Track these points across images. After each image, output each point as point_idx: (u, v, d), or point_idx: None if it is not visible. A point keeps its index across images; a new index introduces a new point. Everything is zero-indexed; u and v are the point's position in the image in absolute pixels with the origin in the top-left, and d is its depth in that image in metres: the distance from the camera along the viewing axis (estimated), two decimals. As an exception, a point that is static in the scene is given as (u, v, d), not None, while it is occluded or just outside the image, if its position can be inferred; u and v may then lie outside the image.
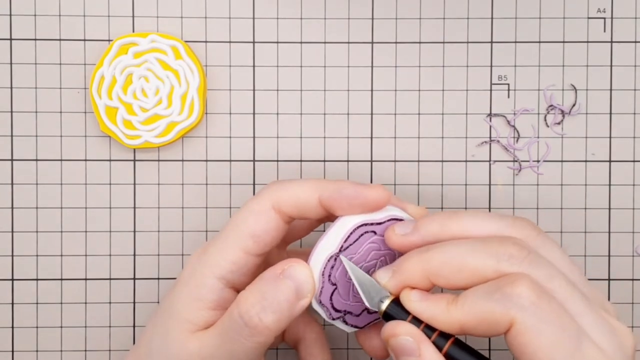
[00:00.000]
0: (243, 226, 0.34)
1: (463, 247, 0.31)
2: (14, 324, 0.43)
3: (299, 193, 0.34)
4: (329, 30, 0.43)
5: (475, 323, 0.30)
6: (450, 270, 0.31)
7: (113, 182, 0.43)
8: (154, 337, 0.35)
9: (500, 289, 0.30)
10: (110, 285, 0.44)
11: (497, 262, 0.31)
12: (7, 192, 0.43)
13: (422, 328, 0.32)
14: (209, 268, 0.34)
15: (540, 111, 0.44)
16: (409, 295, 0.32)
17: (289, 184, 0.35)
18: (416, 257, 0.32)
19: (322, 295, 0.34)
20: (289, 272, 0.33)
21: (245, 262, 0.34)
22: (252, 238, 0.34)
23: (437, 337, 0.31)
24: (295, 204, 0.34)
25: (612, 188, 0.44)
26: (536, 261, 0.31)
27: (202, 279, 0.34)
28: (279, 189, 0.35)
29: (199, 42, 0.43)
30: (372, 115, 0.43)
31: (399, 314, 0.32)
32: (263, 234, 0.34)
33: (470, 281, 0.31)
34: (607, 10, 0.43)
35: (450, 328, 0.31)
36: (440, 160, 0.43)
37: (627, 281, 0.44)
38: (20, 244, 0.43)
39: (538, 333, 0.29)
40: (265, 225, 0.34)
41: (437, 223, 0.33)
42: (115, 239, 0.43)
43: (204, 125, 0.43)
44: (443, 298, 0.31)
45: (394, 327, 0.32)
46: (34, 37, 0.43)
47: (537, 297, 0.29)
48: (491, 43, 0.43)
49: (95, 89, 0.42)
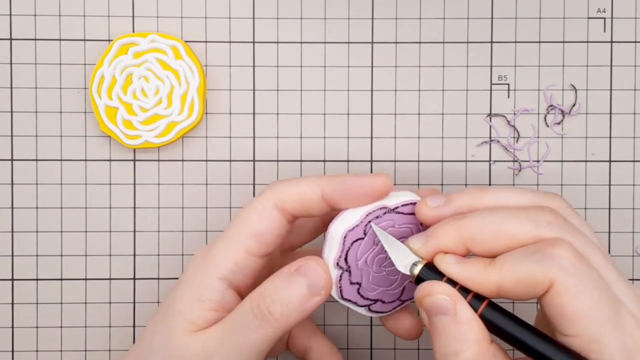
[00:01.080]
0: (246, 226, 0.34)
1: (500, 213, 0.31)
2: (14, 324, 0.43)
3: (302, 189, 0.34)
4: (329, 30, 0.43)
5: (514, 284, 0.30)
6: (487, 236, 0.31)
7: (113, 182, 0.43)
8: (155, 336, 0.35)
9: (540, 250, 0.30)
10: (110, 285, 0.44)
11: (534, 227, 0.31)
12: (7, 192, 0.43)
13: (458, 288, 0.31)
14: (212, 268, 0.34)
15: (540, 111, 0.44)
16: (443, 258, 0.32)
17: (291, 182, 0.35)
18: (451, 224, 0.32)
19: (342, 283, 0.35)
20: (303, 269, 0.33)
21: (248, 263, 0.34)
22: (255, 237, 0.34)
23: (472, 299, 0.31)
24: (299, 201, 0.34)
25: (612, 188, 0.44)
26: (572, 229, 0.31)
27: (204, 279, 0.34)
28: (281, 187, 0.35)
29: (199, 42, 0.43)
30: (372, 115, 0.43)
31: (432, 278, 0.32)
32: (266, 233, 0.34)
33: (507, 246, 0.31)
34: (607, 10, 0.43)
35: (487, 290, 0.31)
36: (440, 160, 0.43)
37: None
38: (20, 244, 0.43)
39: (578, 295, 0.29)
40: (268, 224, 0.34)
41: (469, 196, 0.33)
42: (115, 239, 0.43)
43: (204, 125, 0.43)
44: (479, 260, 0.31)
45: (430, 286, 0.31)
46: (34, 37, 0.43)
47: (577, 259, 0.29)
48: (491, 43, 0.43)
49: (95, 89, 0.42)
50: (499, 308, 0.31)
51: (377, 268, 0.35)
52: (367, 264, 0.35)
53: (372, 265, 0.35)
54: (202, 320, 0.34)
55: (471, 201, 0.33)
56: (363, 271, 0.35)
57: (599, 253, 0.31)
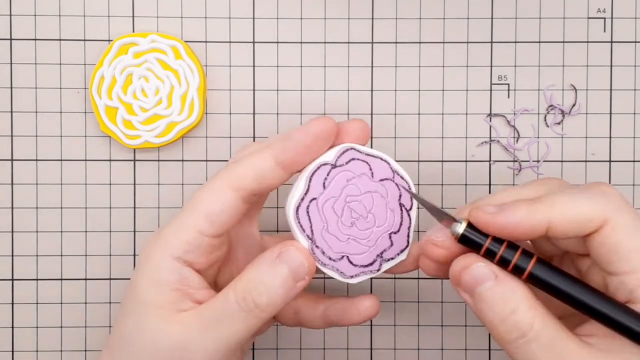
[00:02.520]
0: (198, 206, 0.34)
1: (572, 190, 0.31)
2: (14, 324, 0.43)
3: (254, 164, 0.34)
4: (329, 30, 0.43)
5: (566, 222, 0.30)
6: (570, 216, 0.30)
7: (113, 182, 0.43)
8: (126, 329, 0.34)
9: (592, 188, 0.30)
10: (110, 286, 0.44)
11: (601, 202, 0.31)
12: (7, 192, 0.43)
13: (505, 247, 0.30)
14: (164, 249, 0.34)
15: (540, 111, 0.44)
16: (484, 210, 0.30)
17: (244, 159, 0.34)
18: (532, 207, 0.30)
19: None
20: (285, 257, 0.33)
21: (200, 242, 0.34)
22: (208, 218, 0.33)
23: (520, 256, 0.30)
24: (253, 177, 0.34)
25: (612, 188, 0.44)
26: None
27: (159, 261, 0.34)
28: (233, 165, 0.34)
29: (199, 42, 0.43)
30: (372, 115, 0.43)
31: (476, 237, 0.31)
32: (219, 215, 0.34)
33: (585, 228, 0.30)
34: (607, 11, 0.43)
35: (537, 230, 0.30)
36: (441, 160, 0.43)
37: (627, 281, 0.44)
38: (20, 244, 0.43)
39: (633, 233, 0.29)
40: (221, 205, 0.34)
41: (524, 208, 0.31)
42: (115, 239, 0.43)
43: (204, 125, 0.43)
44: (520, 203, 0.30)
45: (464, 260, 0.31)
46: (34, 37, 0.43)
47: (625, 201, 0.30)
48: (491, 43, 0.43)
49: (95, 89, 0.42)
50: (547, 263, 0.31)
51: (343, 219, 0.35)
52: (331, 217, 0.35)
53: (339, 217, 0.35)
54: (168, 304, 0.33)
55: (527, 213, 0.31)
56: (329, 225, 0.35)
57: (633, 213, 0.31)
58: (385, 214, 0.35)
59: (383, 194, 0.35)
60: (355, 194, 0.35)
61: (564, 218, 0.30)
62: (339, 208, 0.35)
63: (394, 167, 0.36)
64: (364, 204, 0.35)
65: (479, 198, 0.33)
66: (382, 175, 0.35)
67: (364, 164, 0.35)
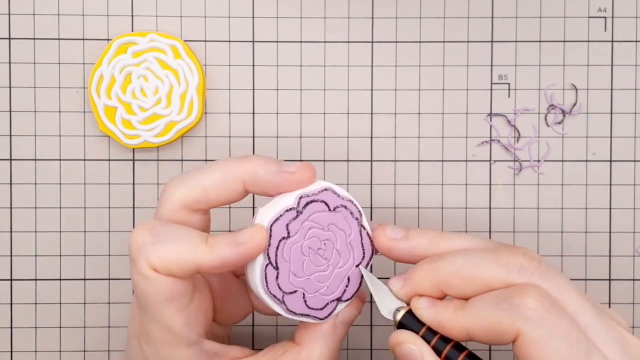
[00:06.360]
0: None
1: (473, 257, 0.31)
2: (13, 325, 0.43)
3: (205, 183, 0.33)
4: (329, 29, 0.43)
5: (483, 331, 0.30)
6: (459, 281, 0.31)
7: (112, 182, 0.43)
8: None
9: (508, 299, 0.29)
10: (110, 286, 0.43)
11: (507, 273, 0.31)
12: (6, 192, 0.43)
13: (438, 339, 0.32)
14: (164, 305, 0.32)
15: (541, 111, 0.43)
16: (418, 303, 0.32)
17: (194, 175, 0.33)
18: (427, 267, 0.32)
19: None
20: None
21: None
22: None
23: (452, 349, 0.32)
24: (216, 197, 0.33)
25: (613, 188, 0.43)
26: (547, 272, 0.31)
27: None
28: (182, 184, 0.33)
29: (198, 42, 0.43)
30: (372, 115, 0.43)
31: (413, 325, 0.32)
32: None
33: (479, 291, 0.31)
34: (608, 10, 0.43)
35: (458, 334, 0.31)
36: (441, 160, 0.43)
37: (629, 281, 0.44)
38: (19, 244, 0.43)
39: (545, 346, 0.29)
40: None
41: (428, 239, 0.33)
42: (114, 239, 0.43)
43: (204, 125, 0.43)
44: (451, 304, 0.31)
45: (398, 336, 0.32)
46: (33, 36, 0.43)
47: (545, 310, 0.29)
48: (492, 42, 0.43)
49: (94, 89, 0.42)
50: (477, 359, 0.32)
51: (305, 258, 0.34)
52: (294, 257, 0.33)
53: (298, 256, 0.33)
54: None
55: (428, 245, 0.33)
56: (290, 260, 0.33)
57: (575, 296, 0.30)
58: (346, 250, 0.34)
59: (341, 226, 0.34)
60: (318, 236, 0.33)
61: (480, 329, 0.30)
62: (305, 250, 0.33)
63: (343, 196, 0.34)
64: (329, 241, 0.34)
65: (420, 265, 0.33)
66: (335, 204, 0.34)
67: (320, 204, 0.34)
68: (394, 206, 0.43)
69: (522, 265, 0.31)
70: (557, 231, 0.43)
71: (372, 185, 0.43)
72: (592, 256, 0.44)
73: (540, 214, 0.43)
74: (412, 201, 0.43)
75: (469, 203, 0.43)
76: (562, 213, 0.43)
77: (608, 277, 0.43)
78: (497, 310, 0.29)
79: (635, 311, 0.44)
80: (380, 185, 0.43)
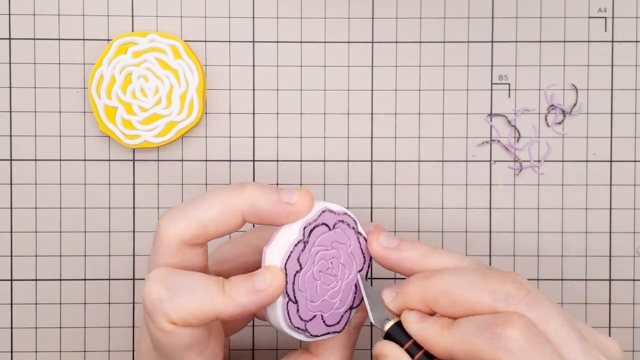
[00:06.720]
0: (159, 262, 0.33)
1: (463, 278, 0.31)
2: (13, 325, 0.43)
3: (202, 217, 0.32)
4: (329, 29, 0.43)
5: (463, 355, 0.30)
6: (447, 301, 0.31)
7: (112, 182, 0.43)
8: None
9: (491, 327, 0.29)
10: (110, 286, 0.43)
11: (493, 300, 0.30)
12: (6, 192, 0.43)
13: (422, 354, 0.32)
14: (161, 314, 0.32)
15: (541, 111, 0.43)
16: (408, 316, 0.32)
17: (189, 209, 0.32)
18: (418, 282, 0.32)
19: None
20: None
21: None
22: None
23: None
24: (214, 231, 0.32)
25: (613, 188, 0.43)
26: (534, 301, 0.30)
27: None
28: (178, 220, 0.32)
29: (198, 42, 0.43)
30: (372, 115, 0.43)
31: (399, 337, 0.32)
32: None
33: (465, 313, 0.31)
34: (608, 10, 0.43)
35: (440, 353, 0.31)
36: (441, 160, 0.43)
37: (629, 282, 0.44)
38: (19, 244, 0.43)
39: None
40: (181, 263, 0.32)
41: (419, 253, 0.33)
42: (114, 239, 0.43)
43: (204, 125, 0.43)
44: (439, 321, 0.31)
45: (382, 347, 0.32)
46: (33, 36, 0.43)
47: (527, 341, 0.29)
48: (492, 42, 0.43)
49: (94, 89, 0.42)
50: None
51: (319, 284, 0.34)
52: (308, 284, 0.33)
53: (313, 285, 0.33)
54: None
55: (419, 259, 0.33)
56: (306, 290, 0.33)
57: (561, 327, 0.30)
58: (349, 260, 0.34)
59: (342, 240, 0.34)
60: (325, 257, 0.33)
61: (461, 352, 0.30)
62: (316, 275, 0.33)
63: (338, 211, 0.34)
64: (334, 258, 0.34)
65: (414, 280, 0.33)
66: (333, 221, 0.34)
67: (321, 227, 0.33)
68: (394, 206, 0.43)
69: (509, 292, 0.30)
70: (557, 231, 0.43)
71: (372, 185, 0.43)
72: (592, 256, 0.44)
73: (540, 214, 0.43)
74: (412, 201, 0.43)
75: (469, 203, 0.43)
76: (562, 213, 0.43)
77: (608, 277, 0.43)
78: (479, 337, 0.29)
79: (635, 311, 0.43)
80: (380, 185, 0.43)
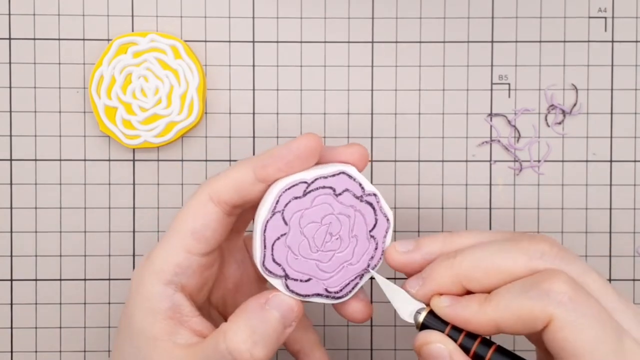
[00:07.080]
0: (183, 225, 0.33)
1: (492, 247, 0.31)
2: (13, 325, 0.43)
3: (234, 176, 0.33)
4: (329, 29, 0.43)
5: (512, 321, 0.30)
6: (480, 273, 0.31)
7: (112, 182, 0.43)
8: (125, 357, 0.34)
9: (536, 285, 0.29)
10: (110, 286, 0.43)
11: (529, 259, 0.30)
12: (6, 192, 0.43)
13: (464, 336, 0.31)
14: (154, 275, 0.33)
15: (541, 111, 0.43)
16: (439, 302, 0.32)
17: (224, 172, 0.34)
18: (445, 263, 0.32)
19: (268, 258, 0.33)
20: (273, 302, 0.33)
21: (190, 263, 0.33)
22: (193, 236, 0.33)
23: (480, 345, 0.31)
24: (233, 188, 0.33)
25: (613, 188, 0.43)
26: (568, 257, 0.30)
27: (150, 287, 0.33)
28: (214, 179, 0.34)
29: (198, 42, 0.43)
30: (372, 115, 0.43)
31: (436, 325, 0.32)
32: (204, 230, 0.33)
33: (502, 281, 0.30)
34: (608, 10, 0.43)
35: (486, 328, 0.30)
36: (441, 160, 0.43)
37: (629, 281, 0.44)
38: (19, 244, 0.43)
39: (578, 329, 0.29)
40: (204, 219, 0.33)
41: (441, 241, 0.33)
42: (114, 239, 0.43)
43: (204, 125, 0.43)
44: (474, 299, 0.31)
45: (426, 336, 0.32)
46: (33, 36, 0.43)
47: (574, 292, 0.29)
48: (492, 42, 0.43)
49: (94, 89, 0.42)
50: (506, 352, 0.31)
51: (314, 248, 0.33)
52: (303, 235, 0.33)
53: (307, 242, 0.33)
54: (164, 334, 0.33)
55: (442, 246, 0.33)
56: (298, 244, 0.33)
57: (598, 279, 0.30)
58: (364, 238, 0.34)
59: (359, 220, 0.33)
60: (329, 212, 0.33)
61: (509, 319, 0.30)
62: (314, 229, 0.33)
63: (382, 205, 0.34)
64: (340, 223, 0.33)
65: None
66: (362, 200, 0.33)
67: (353, 182, 0.33)
68: (394, 206, 0.43)
69: (543, 250, 0.30)
70: (557, 231, 0.43)
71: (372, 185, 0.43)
72: (592, 256, 0.44)
73: (540, 213, 0.43)
74: (412, 201, 0.43)
75: (469, 203, 0.43)
76: (562, 213, 0.43)
77: (608, 277, 0.43)
78: (526, 298, 0.29)
79: (635, 311, 0.44)
80: (380, 185, 0.43)
